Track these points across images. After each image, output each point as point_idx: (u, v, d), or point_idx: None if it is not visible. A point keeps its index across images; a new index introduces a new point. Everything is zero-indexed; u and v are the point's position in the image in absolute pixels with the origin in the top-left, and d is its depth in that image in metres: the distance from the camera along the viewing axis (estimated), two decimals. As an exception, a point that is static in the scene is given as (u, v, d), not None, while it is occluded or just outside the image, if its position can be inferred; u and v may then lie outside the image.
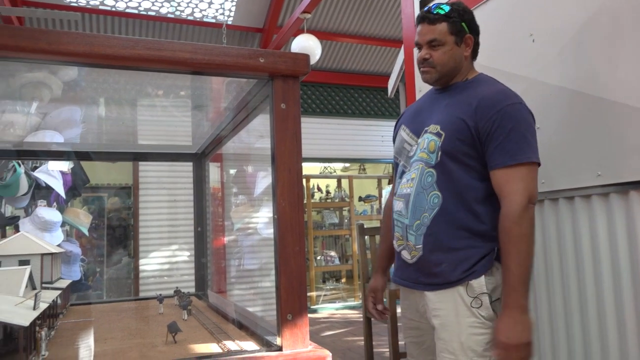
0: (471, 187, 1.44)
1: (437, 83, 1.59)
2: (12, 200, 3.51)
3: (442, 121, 1.49)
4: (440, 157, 1.46)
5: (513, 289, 1.33)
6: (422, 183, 1.49)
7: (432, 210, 1.46)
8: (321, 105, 7.23)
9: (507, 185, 1.39)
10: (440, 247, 1.45)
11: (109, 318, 1.88)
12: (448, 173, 1.45)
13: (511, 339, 1.31)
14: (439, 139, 1.47)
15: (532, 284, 1.97)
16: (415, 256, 1.50)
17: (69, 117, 2.86)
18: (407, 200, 1.52)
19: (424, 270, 1.49)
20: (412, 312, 1.61)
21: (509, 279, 1.34)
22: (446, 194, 1.45)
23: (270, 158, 1.23)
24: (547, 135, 1.90)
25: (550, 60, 1.91)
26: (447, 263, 1.43)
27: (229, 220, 5.68)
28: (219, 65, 1.18)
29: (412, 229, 1.50)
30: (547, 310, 1.90)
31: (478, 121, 1.43)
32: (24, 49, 1.04)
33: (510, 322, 1.32)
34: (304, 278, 1.19)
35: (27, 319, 1.12)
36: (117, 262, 6.30)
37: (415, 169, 1.52)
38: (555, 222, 1.88)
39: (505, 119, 1.40)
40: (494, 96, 1.45)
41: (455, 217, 1.44)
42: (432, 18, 1.52)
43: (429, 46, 1.53)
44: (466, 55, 1.56)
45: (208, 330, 1.58)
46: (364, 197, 8.46)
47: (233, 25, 6.17)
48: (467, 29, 1.54)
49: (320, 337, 5.30)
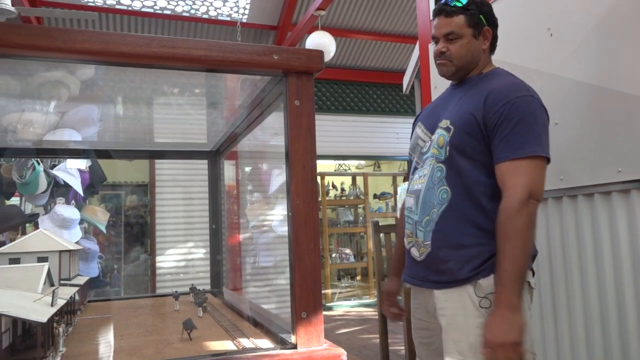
0: (480, 183, 1.40)
1: (453, 77, 1.56)
2: (31, 198, 3.57)
3: (453, 115, 1.46)
4: (449, 152, 1.43)
5: (504, 287, 1.29)
6: (432, 179, 1.46)
7: (441, 205, 1.43)
8: (336, 103, 7.22)
9: (509, 179, 1.34)
10: (449, 243, 1.41)
11: (125, 314, 1.90)
12: (457, 168, 1.42)
13: (497, 337, 1.26)
14: (447, 134, 1.44)
15: (550, 281, 1.94)
16: (423, 253, 1.47)
17: (86, 116, 2.89)
18: (418, 196, 1.50)
19: (432, 268, 1.46)
20: (422, 312, 1.58)
21: (500, 275, 1.30)
22: (455, 190, 1.42)
23: (285, 155, 1.23)
24: (565, 131, 1.87)
25: (569, 55, 1.87)
26: (455, 260, 1.40)
27: (244, 217, 5.70)
28: (233, 63, 1.17)
29: (422, 225, 1.47)
30: (566, 309, 1.87)
31: (486, 114, 1.39)
32: (40, 48, 1.05)
33: (497, 320, 1.28)
34: (319, 276, 1.19)
35: (44, 315, 1.13)
36: (134, 259, 6.37)
37: (428, 165, 1.50)
38: (574, 220, 1.85)
39: (513, 111, 1.35)
40: (504, 88, 1.41)
41: (463, 213, 1.41)
42: (449, 10, 1.48)
43: (446, 39, 1.49)
44: (484, 49, 1.52)
45: (223, 327, 1.59)
46: (379, 195, 8.43)
47: (247, 23, 6.18)
48: (485, 21, 1.50)
49: (336, 335, 5.30)
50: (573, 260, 1.84)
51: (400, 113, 7.52)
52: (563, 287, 1.89)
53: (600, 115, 1.75)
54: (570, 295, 1.85)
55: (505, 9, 2.17)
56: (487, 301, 1.35)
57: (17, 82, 1.78)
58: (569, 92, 1.87)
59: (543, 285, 1.98)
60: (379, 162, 8.86)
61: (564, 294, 1.88)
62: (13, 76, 1.69)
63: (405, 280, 1.61)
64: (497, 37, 1.57)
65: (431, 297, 1.48)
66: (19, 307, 1.13)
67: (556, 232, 1.93)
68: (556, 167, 1.89)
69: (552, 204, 1.95)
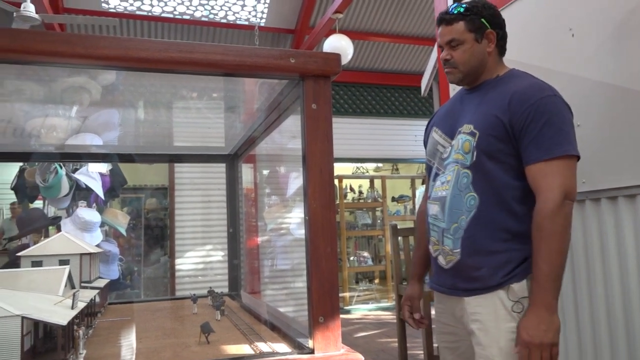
0: (509, 186, 1.39)
1: (462, 82, 1.56)
2: (54, 201, 3.63)
3: (476, 120, 1.45)
4: (476, 157, 1.41)
5: (541, 287, 1.29)
6: (458, 185, 1.45)
7: (469, 212, 1.41)
8: (353, 105, 7.21)
9: (543, 181, 1.33)
10: (479, 250, 1.40)
11: (144, 317, 1.92)
12: (484, 173, 1.41)
13: (534, 338, 1.27)
14: (473, 139, 1.43)
15: (573, 287, 1.90)
16: (451, 261, 1.45)
17: (107, 120, 2.92)
18: (443, 203, 1.48)
19: (461, 276, 1.45)
20: (448, 317, 1.56)
21: (537, 276, 1.30)
22: (483, 195, 1.40)
23: (302, 158, 1.23)
24: (588, 133, 1.83)
25: (591, 55, 1.84)
26: (487, 267, 1.39)
27: (262, 220, 5.72)
28: (250, 67, 1.18)
29: (450, 233, 1.45)
30: (589, 316, 1.83)
31: (512, 116, 1.38)
32: (62, 54, 1.06)
33: (535, 321, 1.28)
34: (336, 280, 1.18)
35: (65, 318, 1.14)
36: (154, 261, 6.43)
37: (451, 170, 1.48)
38: (597, 224, 1.81)
39: (539, 112, 1.35)
40: (527, 90, 1.40)
41: (493, 218, 1.39)
42: (449, 19, 1.50)
43: (449, 46, 1.51)
44: (489, 51, 1.51)
45: (240, 331, 1.59)
46: (397, 198, 8.38)
47: (265, 27, 6.22)
48: (487, 24, 1.49)
49: (354, 339, 5.27)
50: (596, 265, 1.80)
51: (418, 115, 7.48)
52: (586, 293, 1.85)
53: (623, 117, 1.71)
54: (594, 302, 1.81)
55: (525, 9, 2.14)
56: (520, 305, 1.35)
57: (40, 87, 1.81)
58: (591, 93, 1.84)
59: (565, 290, 1.94)
60: (397, 165, 8.81)
61: (587, 300, 1.84)
62: (37, 82, 1.72)
63: (432, 288, 1.60)
64: (506, 38, 1.56)
65: (459, 303, 1.47)
66: (41, 309, 1.15)
67: (578, 236, 1.89)
68: (579, 170, 1.84)
69: (574, 207, 1.91)
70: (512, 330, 1.35)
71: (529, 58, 2.11)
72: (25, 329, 1.08)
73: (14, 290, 1.31)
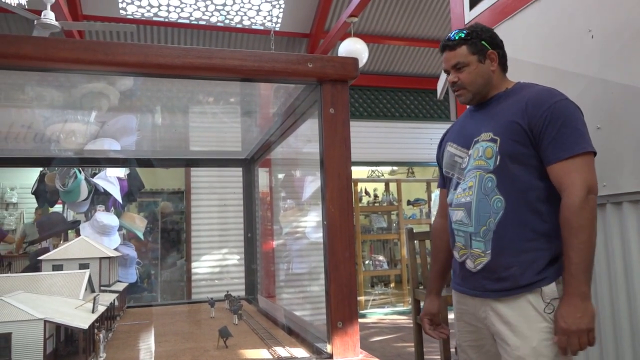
0: (533, 187, 1.47)
1: (472, 102, 1.65)
2: (73, 206, 3.68)
3: (494, 127, 1.54)
4: (499, 161, 1.49)
5: (574, 277, 1.36)
6: (482, 189, 1.52)
7: (497, 214, 1.48)
8: (369, 109, 7.19)
9: (566, 177, 1.41)
10: (509, 250, 1.46)
11: (162, 321, 1.93)
12: (509, 175, 1.48)
13: (570, 325, 1.34)
14: (495, 144, 1.51)
15: (594, 293, 1.87)
16: (481, 263, 1.52)
17: (125, 125, 2.96)
18: (469, 208, 1.55)
19: (491, 277, 1.51)
20: (470, 317, 1.62)
21: (569, 267, 1.37)
22: (509, 197, 1.48)
23: (319, 163, 1.23)
24: (608, 136, 1.80)
25: (611, 57, 1.81)
26: (517, 266, 1.45)
27: (278, 224, 5.73)
28: (268, 72, 1.18)
29: (479, 236, 1.52)
30: (611, 321, 1.80)
31: (530, 120, 1.47)
32: (83, 61, 1.08)
33: (570, 309, 1.35)
34: (355, 285, 1.18)
35: (86, 321, 1.16)
36: (170, 264, 6.48)
37: (472, 177, 1.56)
38: (619, 227, 1.78)
39: (555, 115, 1.44)
40: (540, 95, 1.50)
41: (520, 218, 1.47)
42: (452, 44, 1.61)
43: (455, 70, 1.62)
44: (493, 70, 1.61)
45: (258, 335, 1.59)
46: (413, 201, 8.33)
47: (281, 32, 6.24)
48: (488, 45, 1.60)
49: (369, 343, 5.25)
50: (618, 269, 1.77)
51: (433, 118, 7.44)
52: (607, 297, 1.82)
53: (645, 119, 1.68)
54: (615, 307, 1.77)
55: (544, 11, 2.12)
56: (552, 307, 1.42)
57: (60, 93, 1.84)
58: (611, 95, 1.81)
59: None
60: (413, 168, 8.77)
61: (609, 305, 1.81)
62: (56, 88, 1.75)
63: (456, 290, 1.67)
64: (506, 56, 1.65)
65: (483, 304, 1.54)
66: (62, 313, 1.17)
67: (600, 240, 1.85)
68: (599, 173, 1.82)
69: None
70: (545, 331, 1.41)
71: (548, 60, 2.09)
72: (48, 333, 1.09)
73: (36, 293, 1.33)
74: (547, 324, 1.41)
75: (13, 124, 2.22)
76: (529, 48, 2.20)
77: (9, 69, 1.15)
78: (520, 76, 1.70)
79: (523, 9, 2.24)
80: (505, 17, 2.34)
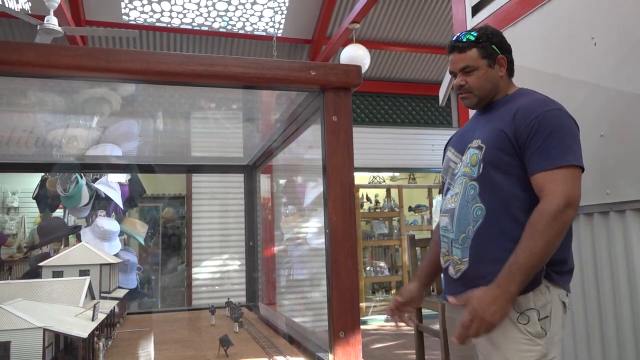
0: (515, 197, 1.43)
1: (477, 106, 1.62)
2: (74, 211, 3.68)
3: (483, 135, 1.52)
4: (482, 169, 1.46)
5: (510, 273, 1.30)
6: (465, 196, 1.51)
7: (476, 222, 1.46)
8: (370, 115, 7.20)
9: (548, 186, 1.35)
10: (485, 258, 1.43)
11: (163, 328, 1.92)
12: (491, 184, 1.45)
13: (482, 313, 1.28)
14: (480, 152, 1.49)
15: (597, 303, 1.86)
16: (459, 270, 1.50)
17: (126, 131, 2.96)
18: (452, 214, 1.54)
19: (469, 285, 1.46)
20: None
21: (512, 264, 1.31)
22: (489, 206, 1.44)
23: (322, 171, 1.22)
24: (611, 143, 1.80)
25: (614, 65, 1.81)
26: (493, 275, 1.37)
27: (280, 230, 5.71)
28: (271, 79, 1.17)
29: (458, 243, 1.51)
30: (615, 331, 1.78)
31: (516, 129, 1.43)
32: (85, 68, 1.07)
33: (490, 297, 1.29)
34: (357, 294, 1.17)
35: (85, 330, 1.15)
36: (171, 270, 6.47)
37: (459, 183, 1.54)
38: (623, 235, 1.77)
39: (543, 124, 1.39)
40: (531, 104, 1.45)
41: (500, 228, 1.43)
42: (462, 46, 1.55)
43: (463, 73, 1.56)
44: (501, 75, 1.57)
45: (259, 344, 1.58)
46: (414, 207, 8.32)
47: (283, 38, 6.26)
48: (498, 50, 1.56)
49: (370, 350, 5.22)
50: (621, 277, 1.76)
51: (435, 125, 7.44)
52: (611, 306, 1.80)
53: (649, 127, 1.67)
54: (619, 315, 1.76)
55: (547, 18, 2.12)
56: (525, 317, 1.37)
57: (61, 98, 1.83)
58: (614, 102, 1.80)
59: (589, 305, 1.89)
60: (414, 174, 8.76)
61: (612, 314, 1.80)
62: (58, 93, 1.74)
63: (444, 299, 1.63)
64: (513, 61, 1.62)
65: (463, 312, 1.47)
66: (62, 321, 1.16)
67: (603, 248, 1.85)
68: (602, 181, 1.82)
69: (598, 219, 1.87)
70: (518, 341, 1.37)
71: (551, 67, 2.09)
72: (47, 341, 1.08)
73: (36, 300, 1.32)
74: (521, 334, 1.37)
75: (15, 129, 2.22)
76: (531, 55, 2.19)
77: (12, 76, 1.14)
78: (523, 83, 1.70)
79: (526, 16, 2.24)
80: (508, 24, 2.34)
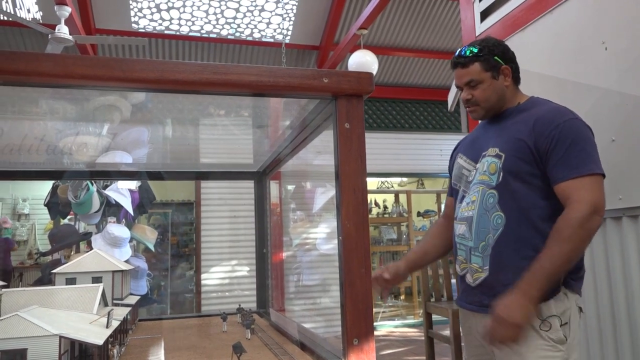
0: (535, 206, 1.44)
1: (485, 117, 1.63)
2: (85, 217, 3.70)
3: (501, 143, 1.52)
4: (502, 178, 1.48)
5: (534, 278, 1.33)
6: (484, 205, 1.51)
7: (496, 230, 1.47)
8: (378, 120, 7.20)
9: (575, 194, 1.37)
10: (506, 266, 1.44)
11: (175, 335, 1.92)
12: (510, 193, 1.46)
13: (509, 317, 1.32)
14: (499, 160, 1.49)
15: (610, 306, 1.84)
16: (478, 278, 1.51)
17: (136, 138, 2.98)
18: (470, 222, 1.54)
19: (488, 293, 1.48)
20: (475, 333, 1.60)
21: (536, 269, 1.33)
22: (509, 214, 1.45)
23: (335, 178, 1.22)
24: (623, 148, 1.79)
25: (625, 69, 1.80)
26: (513, 283, 1.39)
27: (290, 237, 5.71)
28: (284, 87, 1.18)
29: (478, 251, 1.51)
30: (629, 337, 1.76)
31: (537, 139, 1.44)
32: (100, 78, 1.09)
33: (513, 302, 1.33)
34: (371, 301, 1.17)
35: (101, 337, 1.15)
36: (180, 276, 6.48)
37: (475, 191, 1.55)
38: (637, 240, 1.76)
39: (564, 135, 1.41)
40: (549, 114, 1.47)
41: (520, 236, 1.44)
42: (464, 62, 1.57)
43: (468, 87, 1.58)
44: (507, 85, 1.58)
45: (272, 351, 1.58)
46: (423, 212, 8.29)
47: (290, 44, 6.28)
48: (500, 61, 1.57)
49: (380, 356, 5.20)
50: (635, 282, 1.74)
51: (443, 130, 7.43)
52: (624, 312, 1.79)
53: (662, 132, 1.66)
54: (632, 322, 1.74)
55: (556, 23, 2.12)
56: (547, 324, 1.38)
57: (72, 106, 1.85)
58: (625, 107, 1.80)
59: (602, 308, 1.88)
60: (422, 180, 8.74)
61: (626, 320, 1.78)
62: (69, 101, 1.76)
63: (461, 306, 1.64)
64: (518, 69, 1.62)
65: (482, 320, 1.49)
66: (77, 328, 1.16)
67: (616, 254, 1.83)
68: (615, 186, 1.80)
69: (611, 224, 1.86)
70: (540, 348, 1.37)
71: (561, 72, 2.08)
72: (63, 348, 1.09)
73: (50, 307, 1.33)
74: (543, 341, 1.38)
75: (26, 137, 2.24)
76: (541, 60, 2.19)
77: (29, 86, 1.16)
78: (532, 88, 1.70)
79: (535, 21, 2.23)
80: (517, 29, 2.33)
